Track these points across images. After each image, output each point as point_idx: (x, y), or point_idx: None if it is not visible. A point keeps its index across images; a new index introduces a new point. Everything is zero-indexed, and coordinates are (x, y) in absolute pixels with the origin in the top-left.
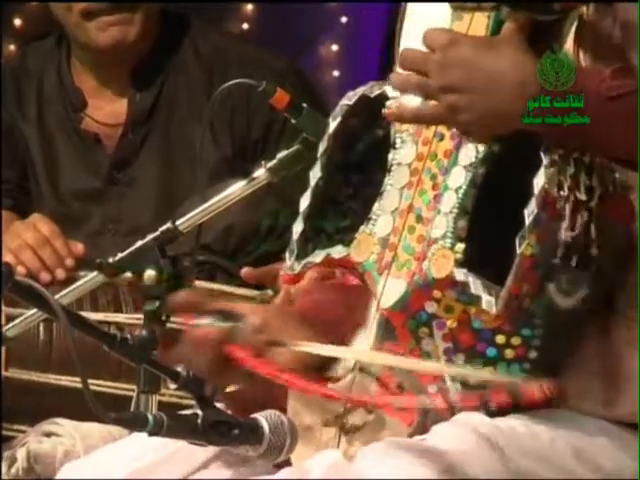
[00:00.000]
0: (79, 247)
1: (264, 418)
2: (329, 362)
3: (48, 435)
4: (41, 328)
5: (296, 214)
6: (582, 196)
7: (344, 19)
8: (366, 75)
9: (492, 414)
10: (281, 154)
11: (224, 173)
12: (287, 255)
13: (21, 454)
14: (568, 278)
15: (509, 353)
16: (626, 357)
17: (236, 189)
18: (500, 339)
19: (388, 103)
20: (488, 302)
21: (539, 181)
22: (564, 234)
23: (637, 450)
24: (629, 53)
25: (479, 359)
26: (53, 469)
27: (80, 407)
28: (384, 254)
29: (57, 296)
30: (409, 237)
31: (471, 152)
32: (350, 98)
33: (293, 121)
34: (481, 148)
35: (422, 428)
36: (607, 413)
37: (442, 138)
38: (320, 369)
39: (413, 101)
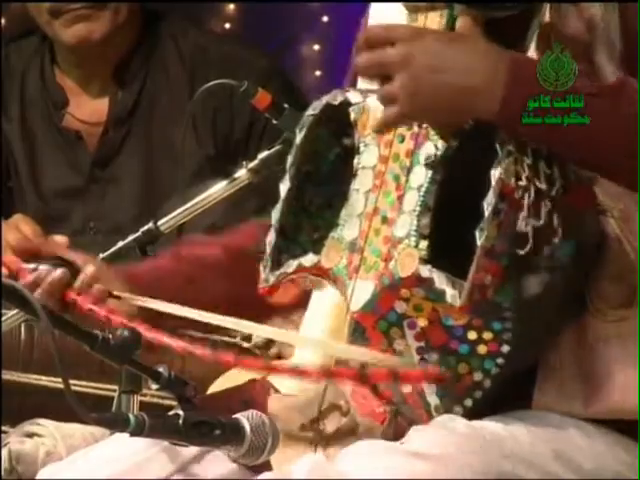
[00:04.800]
0: (63, 241)
1: (246, 418)
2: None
3: (30, 435)
4: (22, 328)
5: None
6: (542, 185)
7: (325, 18)
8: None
9: (469, 416)
10: (262, 154)
11: (206, 173)
12: (261, 268)
13: (3, 455)
14: (532, 268)
15: (482, 349)
16: (602, 353)
17: (217, 189)
18: (472, 335)
19: (351, 109)
20: (452, 296)
21: (496, 172)
22: (524, 223)
23: (624, 448)
24: (594, 51)
25: (452, 357)
26: (35, 469)
27: (62, 407)
28: (352, 258)
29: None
30: (375, 239)
31: (431, 150)
32: (315, 108)
33: (274, 121)
34: (440, 145)
35: (395, 426)
36: (586, 411)
37: (403, 139)
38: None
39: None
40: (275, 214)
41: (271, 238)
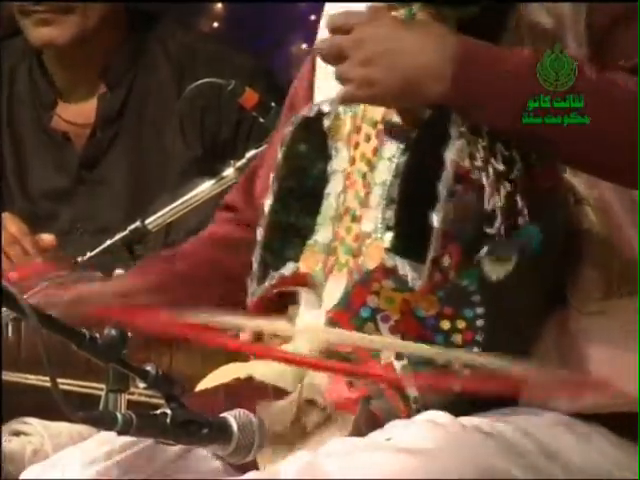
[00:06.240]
0: (50, 239)
1: (233, 417)
2: None
3: (17, 434)
4: (9, 327)
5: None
6: (500, 166)
7: (313, 17)
8: None
9: (456, 412)
10: (250, 153)
11: (194, 172)
12: (249, 282)
13: None
14: (495, 250)
15: (457, 338)
16: (584, 349)
17: (205, 188)
18: (445, 325)
19: (325, 117)
20: (413, 279)
21: (448, 154)
22: (481, 204)
23: (614, 445)
24: (565, 45)
25: None
26: (22, 468)
27: (49, 406)
28: (328, 260)
29: (26, 295)
30: (347, 238)
31: (392, 144)
32: (293, 123)
33: (262, 120)
34: (401, 139)
35: (366, 414)
36: (571, 407)
37: (369, 139)
38: None
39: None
40: (260, 230)
41: (257, 253)
